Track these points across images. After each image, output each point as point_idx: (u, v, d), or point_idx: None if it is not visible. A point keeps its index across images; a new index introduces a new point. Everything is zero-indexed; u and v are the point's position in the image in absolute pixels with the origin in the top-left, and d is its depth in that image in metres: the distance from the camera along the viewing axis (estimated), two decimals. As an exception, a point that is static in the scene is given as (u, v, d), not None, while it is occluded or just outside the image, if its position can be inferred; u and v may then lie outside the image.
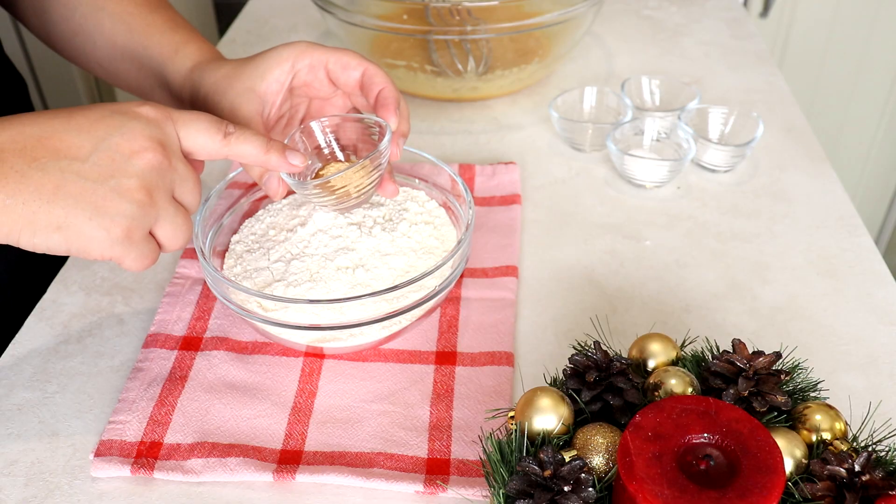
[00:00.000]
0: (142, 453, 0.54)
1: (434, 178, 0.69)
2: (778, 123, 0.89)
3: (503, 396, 0.58)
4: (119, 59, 0.66)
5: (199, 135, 0.50)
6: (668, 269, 0.70)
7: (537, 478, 0.41)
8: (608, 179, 0.81)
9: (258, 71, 0.59)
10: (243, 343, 0.62)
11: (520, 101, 0.95)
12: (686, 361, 0.50)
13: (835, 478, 0.42)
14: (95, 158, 0.45)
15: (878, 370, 0.60)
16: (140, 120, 0.47)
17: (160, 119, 0.48)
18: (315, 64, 0.60)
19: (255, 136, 0.52)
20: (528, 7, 0.88)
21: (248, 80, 0.59)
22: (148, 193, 0.47)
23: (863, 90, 1.70)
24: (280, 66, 0.59)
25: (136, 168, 0.46)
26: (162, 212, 0.48)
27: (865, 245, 0.72)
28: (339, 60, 0.60)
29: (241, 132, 0.51)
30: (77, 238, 0.45)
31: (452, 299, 0.66)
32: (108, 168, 0.45)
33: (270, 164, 0.53)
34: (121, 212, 0.46)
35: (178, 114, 0.49)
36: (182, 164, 0.49)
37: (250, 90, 0.59)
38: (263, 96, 0.59)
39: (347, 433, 0.56)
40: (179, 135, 0.49)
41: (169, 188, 0.49)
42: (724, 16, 1.13)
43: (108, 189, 0.45)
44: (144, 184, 0.46)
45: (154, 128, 0.47)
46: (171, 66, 0.63)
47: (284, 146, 0.54)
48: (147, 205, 0.47)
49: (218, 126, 0.50)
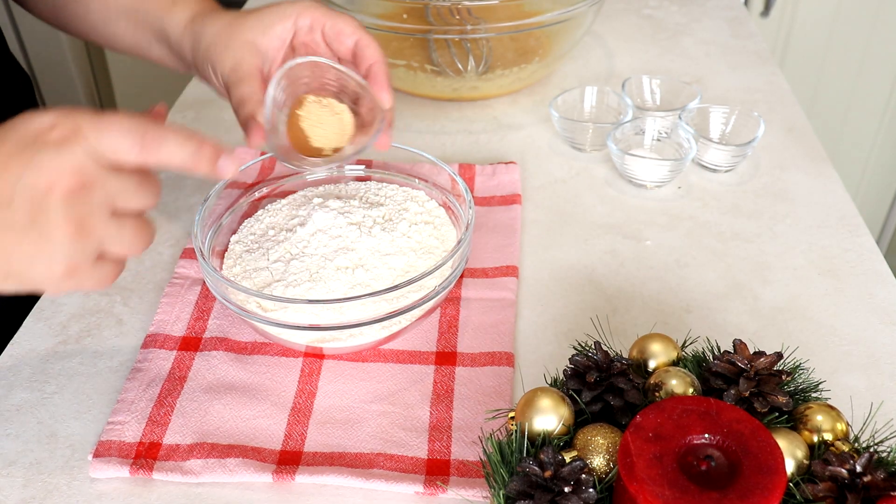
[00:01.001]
0: (141, 454, 0.54)
1: (434, 177, 0.69)
2: (779, 123, 0.89)
3: (503, 397, 0.57)
4: (114, 19, 0.65)
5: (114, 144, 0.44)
6: (668, 269, 0.69)
7: (538, 479, 0.41)
8: (609, 179, 0.81)
9: (260, 24, 0.58)
10: (243, 343, 0.62)
11: (520, 101, 0.94)
12: (687, 362, 0.50)
13: (836, 479, 0.41)
14: (16, 203, 0.41)
15: (879, 370, 0.60)
16: (48, 149, 0.42)
17: (69, 139, 0.43)
18: (314, 25, 0.60)
19: (179, 144, 0.45)
20: (529, 6, 0.88)
21: (250, 33, 0.58)
22: (78, 225, 0.42)
23: (864, 89, 1.69)
24: (282, 22, 0.59)
25: (56, 204, 0.42)
26: (103, 235, 0.44)
27: (867, 245, 0.72)
28: (335, 26, 0.60)
29: (160, 139, 0.44)
30: (27, 282, 0.43)
31: (452, 299, 0.65)
32: (30, 210, 0.42)
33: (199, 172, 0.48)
34: (55, 254, 0.43)
35: (88, 125, 0.43)
36: (112, 176, 0.44)
37: (251, 44, 0.58)
38: (265, 51, 0.59)
39: (347, 434, 0.55)
40: (95, 148, 0.43)
41: (104, 207, 0.44)
42: (724, 15, 1.13)
43: (37, 234, 0.42)
44: (70, 217, 0.42)
45: (65, 154, 0.42)
46: (168, 19, 0.62)
47: (217, 152, 0.47)
48: (81, 236, 0.43)
49: (133, 135, 0.44)
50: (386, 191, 0.70)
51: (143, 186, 0.45)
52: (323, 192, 0.70)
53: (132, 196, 0.45)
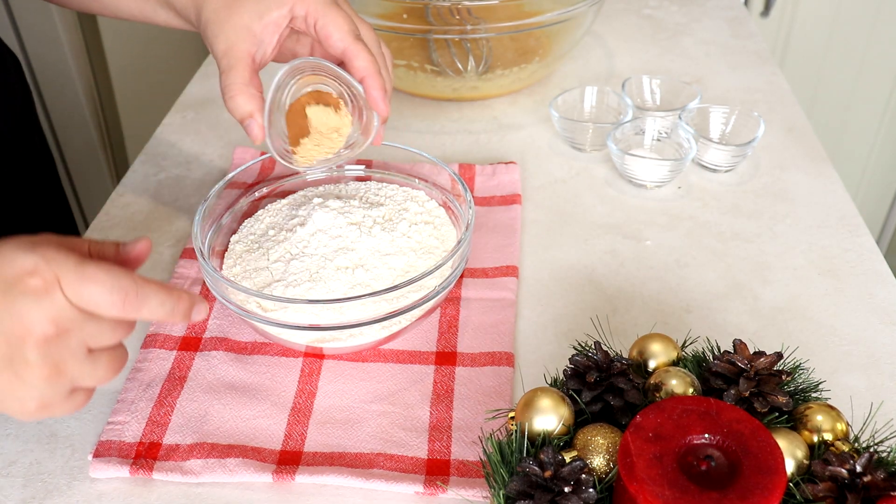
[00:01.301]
0: (141, 454, 0.54)
1: (434, 177, 0.69)
2: (779, 123, 0.89)
3: (503, 397, 0.57)
4: None
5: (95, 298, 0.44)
6: (668, 269, 0.69)
7: (538, 479, 0.41)
8: (609, 179, 0.81)
9: (257, 9, 0.58)
10: (242, 343, 0.62)
11: (520, 101, 0.94)
12: (687, 362, 0.50)
13: (836, 479, 0.41)
14: None
15: (879, 370, 0.60)
16: (27, 297, 0.42)
17: (48, 288, 0.43)
18: (308, 18, 0.59)
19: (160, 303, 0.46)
20: (529, 6, 0.88)
21: (247, 17, 0.58)
22: (53, 368, 0.43)
23: (864, 89, 1.69)
24: (279, 8, 0.58)
25: (32, 350, 0.43)
26: (77, 373, 0.45)
27: (867, 245, 0.72)
28: (324, 27, 0.58)
29: (140, 299, 0.45)
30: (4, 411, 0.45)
31: (452, 299, 0.65)
32: (6, 353, 0.43)
33: (176, 322, 0.52)
34: (28, 394, 0.44)
35: (69, 277, 0.44)
36: (89, 321, 0.44)
37: (246, 28, 0.58)
38: (260, 37, 0.58)
39: (347, 434, 0.55)
40: (73, 301, 0.44)
41: (78, 350, 0.45)
42: (724, 15, 1.13)
43: (12, 374, 0.43)
44: (46, 361, 0.43)
45: (44, 303, 0.43)
46: None
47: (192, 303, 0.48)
48: (55, 378, 0.44)
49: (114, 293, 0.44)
50: (386, 191, 0.70)
51: (118, 326, 0.46)
52: (323, 191, 0.70)
53: (108, 336, 0.46)
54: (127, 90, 1.55)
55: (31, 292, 0.43)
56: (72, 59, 1.42)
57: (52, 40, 1.38)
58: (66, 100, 1.47)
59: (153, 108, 1.18)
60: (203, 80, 1.00)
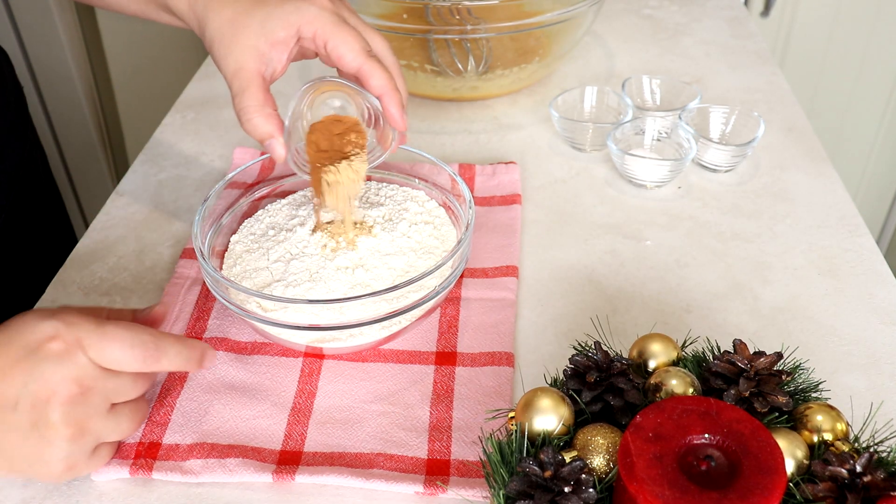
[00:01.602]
0: (140, 454, 0.54)
1: (434, 177, 0.69)
2: (779, 123, 0.89)
3: (503, 397, 0.57)
4: None
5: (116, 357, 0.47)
6: (668, 269, 0.69)
7: (538, 479, 0.41)
8: (609, 179, 0.81)
9: (263, 30, 0.57)
10: (242, 343, 0.62)
11: (520, 101, 0.94)
12: (687, 362, 0.50)
13: (836, 479, 0.41)
14: (21, 406, 0.45)
15: (879, 371, 0.60)
16: (49, 361, 0.45)
17: (70, 351, 0.46)
18: (317, 39, 0.59)
19: (177, 353, 0.49)
20: (529, 6, 0.88)
21: (253, 37, 0.57)
22: (77, 427, 0.46)
23: (864, 89, 1.69)
24: (286, 29, 0.58)
25: (56, 411, 0.45)
26: (101, 429, 0.48)
27: (867, 245, 0.72)
28: (336, 49, 0.58)
29: (159, 353, 0.48)
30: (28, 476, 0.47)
31: (452, 299, 0.65)
32: (32, 415, 0.45)
33: (191, 371, 0.56)
34: (54, 455, 0.46)
35: (90, 339, 0.46)
36: (110, 378, 0.47)
37: (254, 48, 0.57)
38: (268, 55, 0.58)
39: (347, 434, 0.55)
40: (95, 360, 0.47)
41: (101, 407, 0.47)
42: (724, 15, 1.13)
43: (38, 437, 0.45)
44: (70, 421, 0.46)
45: (67, 365, 0.45)
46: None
47: (205, 353, 0.52)
48: (79, 436, 0.46)
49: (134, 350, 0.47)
50: (386, 191, 0.70)
51: (139, 379, 0.49)
52: (323, 192, 0.70)
53: (129, 390, 0.49)
54: (127, 90, 1.55)
55: (53, 356, 0.45)
56: (72, 59, 1.42)
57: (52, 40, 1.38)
58: (66, 100, 1.47)
59: (153, 108, 1.18)
60: (203, 80, 1.00)
